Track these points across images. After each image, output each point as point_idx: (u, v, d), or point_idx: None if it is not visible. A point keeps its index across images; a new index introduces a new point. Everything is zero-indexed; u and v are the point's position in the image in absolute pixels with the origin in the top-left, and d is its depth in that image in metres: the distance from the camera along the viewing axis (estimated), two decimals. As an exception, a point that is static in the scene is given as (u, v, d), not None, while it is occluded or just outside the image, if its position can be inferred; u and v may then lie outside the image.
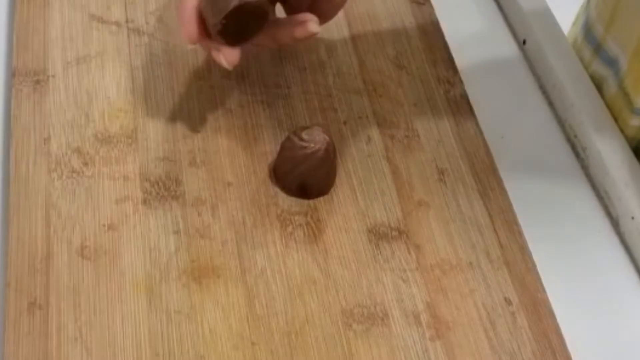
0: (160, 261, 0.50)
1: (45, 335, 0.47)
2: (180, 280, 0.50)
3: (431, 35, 0.65)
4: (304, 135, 0.53)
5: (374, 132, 0.58)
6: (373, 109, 0.60)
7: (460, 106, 0.61)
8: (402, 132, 0.59)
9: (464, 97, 0.61)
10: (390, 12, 0.66)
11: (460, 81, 0.62)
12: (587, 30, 0.67)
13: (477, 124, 0.60)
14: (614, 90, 0.63)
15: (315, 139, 0.53)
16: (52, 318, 0.48)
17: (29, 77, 0.59)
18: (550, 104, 0.64)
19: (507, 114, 0.63)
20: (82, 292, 0.49)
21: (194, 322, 0.48)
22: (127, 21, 0.63)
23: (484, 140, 0.59)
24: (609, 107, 0.63)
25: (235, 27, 0.51)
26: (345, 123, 0.59)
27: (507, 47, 0.69)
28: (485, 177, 0.57)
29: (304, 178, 0.53)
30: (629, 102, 0.62)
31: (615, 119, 0.62)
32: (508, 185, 0.56)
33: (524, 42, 0.68)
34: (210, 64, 0.60)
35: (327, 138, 0.53)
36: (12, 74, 0.59)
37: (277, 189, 0.54)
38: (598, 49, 0.65)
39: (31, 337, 0.47)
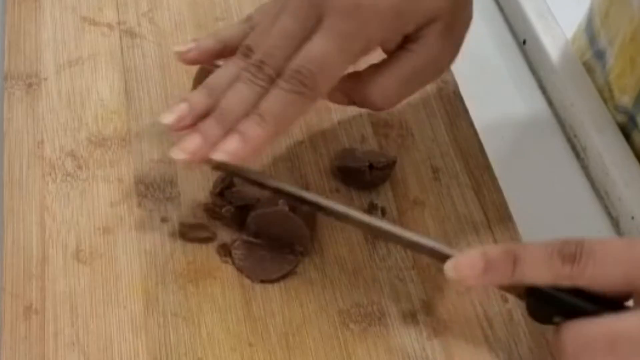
0: (157, 264, 0.50)
1: (41, 340, 0.47)
2: (176, 283, 0.50)
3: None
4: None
5: (368, 132, 0.58)
6: (367, 108, 0.60)
7: (453, 104, 0.61)
8: (396, 130, 0.59)
9: (457, 95, 0.61)
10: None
11: (453, 79, 0.62)
12: (589, 20, 0.67)
13: (470, 122, 0.60)
14: (600, 83, 0.63)
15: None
16: (49, 323, 0.47)
17: (21, 80, 0.59)
18: (551, 104, 0.64)
19: (507, 115, 0.63)
20: (79, 296, 0.49)
21: (192, 325, 0.48)
22: (119, 23, 0.63)
23: (477, 138, 0.59)
24: None
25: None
26: (339, 123, 0.59)
27: (507, 47, 0.68)
28: (480, 175, 0.57)
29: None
30: (612, 97, 0.62)
31: None
32: (508, 185, 0.56)
33: (524, 42, 0.68)
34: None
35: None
36: (3, 77, 0.59)
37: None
38: (592, 39, 0.65)
39: (28, 342, 0.47)
